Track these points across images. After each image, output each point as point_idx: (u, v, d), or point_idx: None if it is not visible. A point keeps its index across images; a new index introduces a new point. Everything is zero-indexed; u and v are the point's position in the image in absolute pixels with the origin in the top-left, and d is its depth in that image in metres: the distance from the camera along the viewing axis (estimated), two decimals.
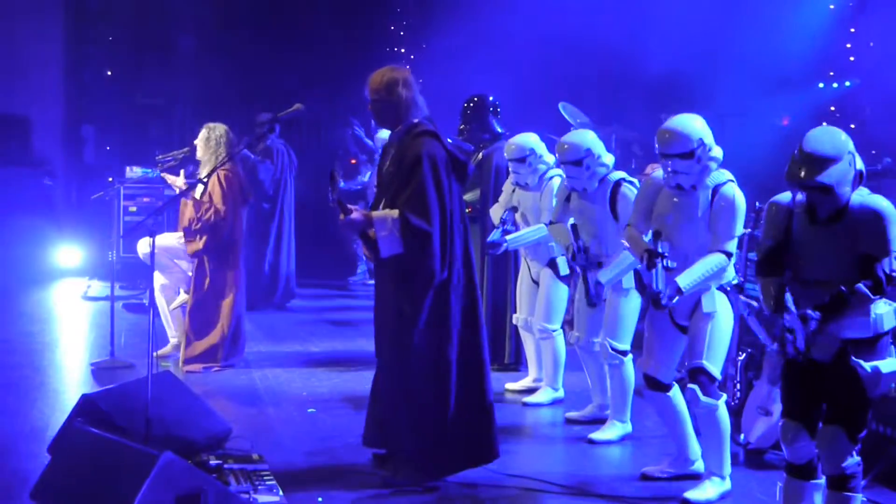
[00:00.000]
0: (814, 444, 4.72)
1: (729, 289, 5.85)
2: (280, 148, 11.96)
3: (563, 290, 7.88)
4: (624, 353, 6.91)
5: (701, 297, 5.74)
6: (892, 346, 4.71)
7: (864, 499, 5.52)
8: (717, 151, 5.77)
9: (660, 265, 5.59)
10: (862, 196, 4.64)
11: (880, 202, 4.61)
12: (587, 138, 7.04)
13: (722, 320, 5.78)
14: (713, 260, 5.65)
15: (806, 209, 4.74)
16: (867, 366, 4.54)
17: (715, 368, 5.74)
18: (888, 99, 9.67)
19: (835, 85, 10.84)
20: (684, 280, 5.57)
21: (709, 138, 5.74)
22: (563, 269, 7.79)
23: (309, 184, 14.02)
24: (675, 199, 5.83)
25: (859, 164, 4.63)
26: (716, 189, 5.73)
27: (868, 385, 4.57)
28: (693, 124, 5.76)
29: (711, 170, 5.75)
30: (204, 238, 8.54)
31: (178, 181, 8.89)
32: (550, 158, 7.86)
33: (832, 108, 10.67)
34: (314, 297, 12.83)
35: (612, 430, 7.00)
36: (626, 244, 6.07)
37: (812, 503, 4.81)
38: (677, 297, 5.58)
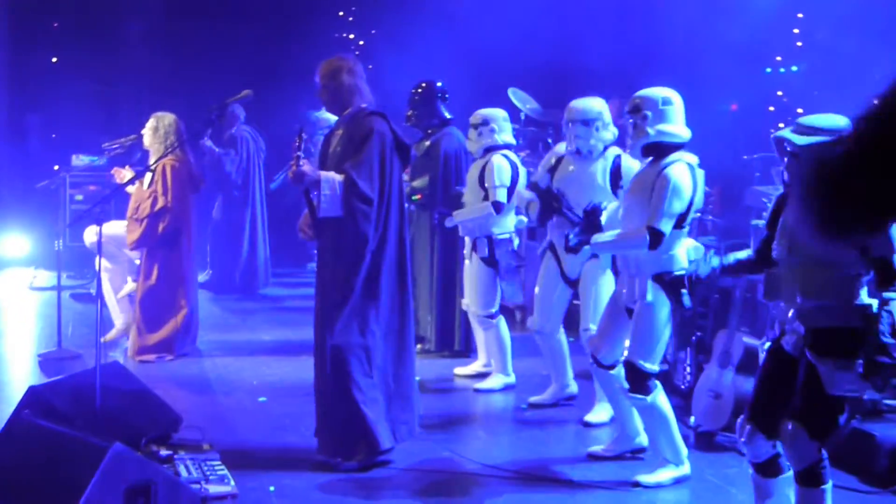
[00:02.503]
0: (771, 443, 4.62)
1: (667, 279, 5.69)
2: (245, 136, 11.90)
3: (486, 273, 7.94)
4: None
5: (644, 285, 5.74)
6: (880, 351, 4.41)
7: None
8: (669, 127, 5.74)
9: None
10: None
11: None
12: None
13: (655, 312, 5.72)
14: (633, 232, 5.67)
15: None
16: (826, 361, 4.38)
17: (647, 363, 5.75)
18: (835, 83, 9.76)
19: (782, 70, 10.92)
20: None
21: (649, 109, 5.75)
22: (482, 252, 7.89)
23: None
24: (640, 171, 5.98)
25: None
26: (663, 168, 5.69)
27: (825, 381, 4.39)
28: (645, 92, 5.86)
29: (642, 141, 5.74)
30: (143, 227, 8.48)
31: (127, 176, 8.84)
32: (504, 137, 7.97)
33: (779, 93, 10.74)
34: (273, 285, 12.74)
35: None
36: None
37: (782, 496, 4.72)
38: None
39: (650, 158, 5.82)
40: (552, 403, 7.42)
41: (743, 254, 5.06)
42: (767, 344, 4.73)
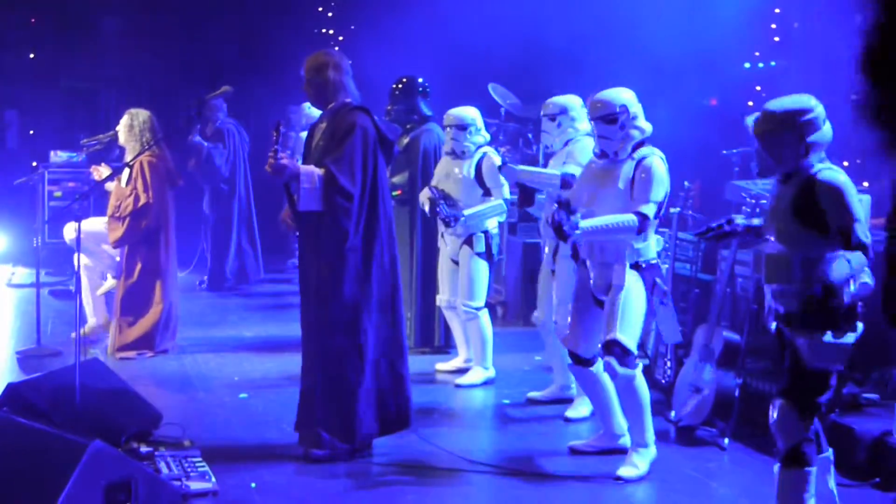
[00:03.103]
0: (802, 426, 4.61)
1: (643, 266, 5.89)
2: (230, 128, 11.87)
3: (483, 267, 7.95)
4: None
5: (622, 273, 5.85)
6: (846, 318, 4.53)
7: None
8: (644, 124, 5.96)
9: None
10: (828, 168, 4.62)
11: (838, 177, 4.56)
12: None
13: (633, 295, 5.84)
14: (622, 216, 5.76)
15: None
16: (803, 335, 4.54)
17: (629, 340, 5.82)
18: (812, 78, 9.79)
19: (760, 65, 10.95)
20: (587, 222, 5.74)
21: (634, 108, 5.95)
22: (479, 247, 7.89)
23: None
24: (599, 169, 6.02)
25: (813, 136, 4.64)
26: (639, 161, 5.87)
27: (804, 355, 4.54)
28: (618, 94, 6.00)
29: (634, 139, 5.91)
30: (125, 226, 8.45)
31: (104, 173, 8.81)
32: (486, 135, 8.08)
33: (758, 88, 10.77)
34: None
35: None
36: None
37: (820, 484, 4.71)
38: (579, 232, 5.68)
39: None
40: (550, 401, 7.42)
41: None
42: (774, 324, 4.79)
